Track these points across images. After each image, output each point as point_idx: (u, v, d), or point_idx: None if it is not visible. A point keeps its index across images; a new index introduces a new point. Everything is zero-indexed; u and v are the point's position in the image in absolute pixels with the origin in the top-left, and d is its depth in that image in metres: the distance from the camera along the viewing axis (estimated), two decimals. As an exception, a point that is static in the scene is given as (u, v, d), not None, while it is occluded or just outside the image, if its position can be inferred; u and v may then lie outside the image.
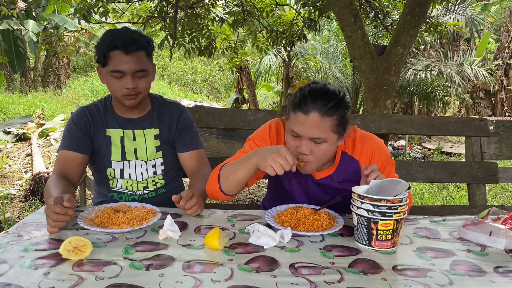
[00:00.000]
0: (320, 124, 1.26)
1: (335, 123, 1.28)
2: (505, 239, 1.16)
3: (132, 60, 1.47)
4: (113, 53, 1.46)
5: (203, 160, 1.70)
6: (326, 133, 1.27)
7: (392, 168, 1.49)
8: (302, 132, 1.28)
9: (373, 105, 3.01)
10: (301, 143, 1.30)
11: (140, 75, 1.51)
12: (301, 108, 1.26)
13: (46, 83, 12.60)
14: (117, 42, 1.45)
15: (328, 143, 1.30)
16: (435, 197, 4.39)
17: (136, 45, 1.47)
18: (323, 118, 1.25)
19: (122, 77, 1.48)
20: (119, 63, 1.46)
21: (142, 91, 1.54)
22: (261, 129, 1.50)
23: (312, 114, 1.25)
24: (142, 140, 1.63)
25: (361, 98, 8.25)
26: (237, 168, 1.32)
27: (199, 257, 1.06)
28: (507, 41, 10.50)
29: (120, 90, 1.50)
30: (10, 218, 3.40)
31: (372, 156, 1.44)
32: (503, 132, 2.19)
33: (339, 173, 1.45)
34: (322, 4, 4.20)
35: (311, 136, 1.28)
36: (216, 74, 18.18)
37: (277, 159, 1.19)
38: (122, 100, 1.54)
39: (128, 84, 1.48)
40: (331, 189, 1.47)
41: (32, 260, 1.01)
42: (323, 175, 1.46)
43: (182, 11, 4.02)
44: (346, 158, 1.45)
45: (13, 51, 9.13)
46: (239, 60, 7.46)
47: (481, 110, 10.58)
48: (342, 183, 1.45)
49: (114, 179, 1.65)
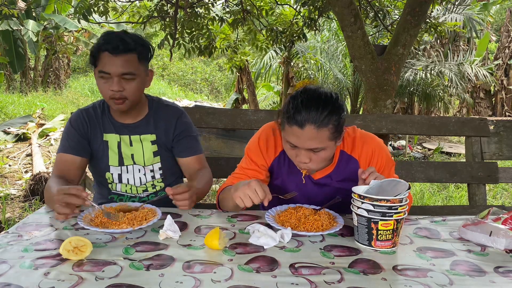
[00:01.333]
0: (316, 136, 1.25)
1: (332, 131, 1.27)
2: (505, 239, 1.16)
3: (119, 63, 1.43)
4: (102, 54, 1.45)
5: (202, 164, 1.67)
6: (324, 142, 1.28)
7: (392, 168, 1.49)
8: (300, 144, 1.28)
9: (373, 105, 3.01)
10: (299, 153, 1.31)
11: (128, 78, 1.46)
12: (296, 121, 1.25)
13: (46, 83, 12.60)
14: (106, 43, 1.44)
15: (327, 149, 1.31)
16: (435, 197, 4.39)
17: (125, 47, 1.44)
18: (319, 130, 1.24)
19: (109, 78, 1.45)
20: (105, 64, 1.44)
21: (129, 96, 1.48)
22: (252, 140, 1.53)
23: (307, 128, 1.24)
24: (139, 146, 1.62)
25: (361, 98, 8.24)
26: (228, 199, 1.41)
27: (199, 257, 1.06)
28: (507, 41, 10.50)
29: (107, 93, 1.47)
30: (10, 218, 3.40)
31: (372, 156, 1.43)
32: (503, 132, 2.19)
33: (338, 172, 1.45)
34: (322, 3, 4.21)
35: (309, 147, 1.28)
36: (216, 74, 18.18)
37: (247, 191, 1.24)
38: (110, 104, 1.52)
39: (113, 86, 1.44)
40: (331, 188, 1.47)
41: (32, 260, 1.01)
42: (322, 174, 1.46)
43: (182, 11, 4.02)
44: (345, 157, 1.45)
45: (13, 51, 9.13)
46: (238, 59, 7.45)
47: (481, 110, 10.58)
48: (341, 182, 1.45)
49: (113, 183, 1.64)
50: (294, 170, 1.47)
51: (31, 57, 12.43)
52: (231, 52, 5.43)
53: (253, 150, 1.50)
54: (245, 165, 1.51)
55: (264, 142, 1.48)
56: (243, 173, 1.50)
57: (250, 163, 1.50)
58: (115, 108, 1.52)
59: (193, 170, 1.65)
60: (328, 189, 1.48)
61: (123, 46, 1.43)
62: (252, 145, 1.51)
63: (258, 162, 1.48)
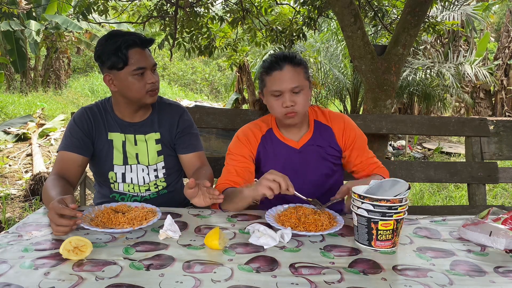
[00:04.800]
0: (295, 73, 1.44)
1: (305, 71, 1.48)
2: (505, 239, 1.16)
3: (148, 55, 1.51)
4: (131, 51, 1.46)
5: (203, 162, 1.70)
6: (302, 81, 1.45)
7: (364, 144, 1.62)
8: (283, 86, 1.43)
9: (373, 105, 3.01)
10: (284, 99, 1.45)
11: (154, 69, 1.54)
12: (275, 67, 1.45)
13: (46, 83, 12.61)
14: (132, 40, 1.45)
15: (304, 90, 1.46)
16: (435, 197, 4.39)
17: (147, 40, 1.51)
18: (295, 68, 1.45)
19: (143, 73, 1.49)
20: (140, 60, 1.47)
21: (159, 85, 1.56)
22: (231, 142, 1.62)
23: (286, 68, 1.44)
24: (144, 145, 1.62)
25: (361, 98, 8.24)
26: (234, 201, 1.43)
27: (199, 257, 1.06)
28: (507, 41, 10.50)
29: (144, 87, 1.50)
30: (10, 218, 3.40)
31: (344, 127, 1.59)
32: (503, 132, 2.19)
33: (316, 138, 1.59)
34: (322, 2, 4.21)
35: (292, 86, 1.43)
36: (216, 74, 18.19)
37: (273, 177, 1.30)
38: (145, 98, 1.52)
39: (151, 79, 1.50)
40: (314, 154, 1.58)
41: (32, 260, 1.01)
42: (303, 141, 1.58)
43: (182, 10, 4.02)
44: (319, 125, 1.61)
45: (15, 51, 9.15)
46: (238, 57, 7.44)
47: (481, 110, 10.58)
48: (321, 148, 1.58)
49: (116, 182, 1.64)
50: (280, 145, 1.58)
51: (32, 57, 12.43)
52: (230, 50, 5.43)
53: (235, 146, 1.59)
54: (231, 161, 1.57)
55: (243, 136, 1.60)
56: (232, 166, 1.55)
57: (235, 156, 1.57)
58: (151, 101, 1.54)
59: (194, 167, 1.67)
60: (311, 155, 1.58)
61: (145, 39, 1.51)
62: (233, 143, 1.61)
63: (244, 154, 1.57)
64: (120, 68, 1.47)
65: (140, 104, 1.56)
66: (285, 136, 1.59)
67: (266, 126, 1.62)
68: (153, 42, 1.55)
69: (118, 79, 1.49)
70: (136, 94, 1.51)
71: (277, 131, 1.60)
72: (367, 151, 1.63)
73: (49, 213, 1.18)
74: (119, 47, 1.44)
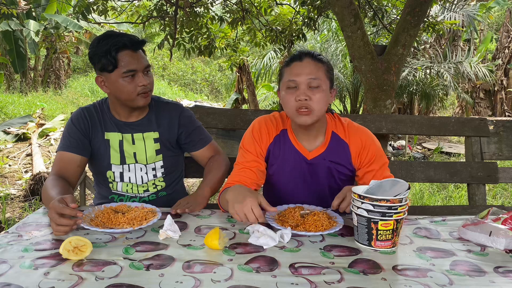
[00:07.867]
0: (314, 65, 1.38)
1: (326, 68, 1.41)
2: (505, 239, 1.16)
3: (140, 57, 1.49)
4: (121, 54, 1.45)
5: (215, 149, 1.72)
6: (321, 77, 1.37)
7: (384, 165, 1.49)
8: (299, 76, 1.36)
9: (373, 105, 3.01)
10: (298, 92, 1.37)
11: (147, 71, 1.53)
12: (295, 59, 1.40)
13: (46, 83, 12.60)
14: (122, 42, 1.44)
15: (322, 88, 1.38)
16: (435, 197, 4.39)
17: (138, 42, 1.49)
18: (316, 62, 1.39)
19: (134, 75, 1.48)
20: (130, 62, 1.46)
21: (151, 87, 1.54)
22: (245, 134, 1.56)
23: (306, 59, 1.39)
24: (142, 144, 1.62)
25: (361, 98, 8.24)
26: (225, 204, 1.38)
27: (199, 257, 1.06)
28: (507, 41, 10.50)
29: (135, 90, 1.49)
30: (10, 218, 3.40)
31: (362, 146, 1.48)
32: (503, 132, 2.19)
33: (330, 153, 1.50)
34: (321, 3, 4.21)
35: (308, 77, 1.36)
36: (216, 74, 18.18)
37: (244, 209, 1.21)
38: (137, 101, 1.51)
39: (142, 81, 1.49)
40: (324, 168, 1.51)
41: (32, 260, 1.01)
42: (315, 154, 1.50)
43: (182, 10, 4.02)
44: (336, 139, 1.51)
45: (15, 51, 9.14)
46: (238, 58, 7.44)
47: (481, 110, 10.58)
48: (333, 163, 1.50)
49: (114, 182, 1.64)
50: (291, 150, 1.51)
51: (31, 57, 12.43)
52: (230, 50, 5.43)
53: (248, 141, 1.53)
54: (243, 158, 1.52)
55: (257, 131, 1.53)
56: (243, 167, 1.51)
57: (247, 154, 1.52)
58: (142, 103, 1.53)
59: (207, 158, 1.71)
60: (321, 169, 1.51)
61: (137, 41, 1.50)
62: (247, 137, 1.55)
63: (256, 151, 1.52)
64: (110, 70, 1.46)
65: (132, 106, 1.54)
66: (299, 141, 1.50)
67: (282, 125, 1.54)
68: (145, 44, 1.53)
69: (109, 81, 1.49)
70: (127, 96, 1.50)
71: (291, 134, 1.51)
72: (384, 170, 1.49)
73: (49, 212, 1.18)
74: (108, 50, 1.44)
